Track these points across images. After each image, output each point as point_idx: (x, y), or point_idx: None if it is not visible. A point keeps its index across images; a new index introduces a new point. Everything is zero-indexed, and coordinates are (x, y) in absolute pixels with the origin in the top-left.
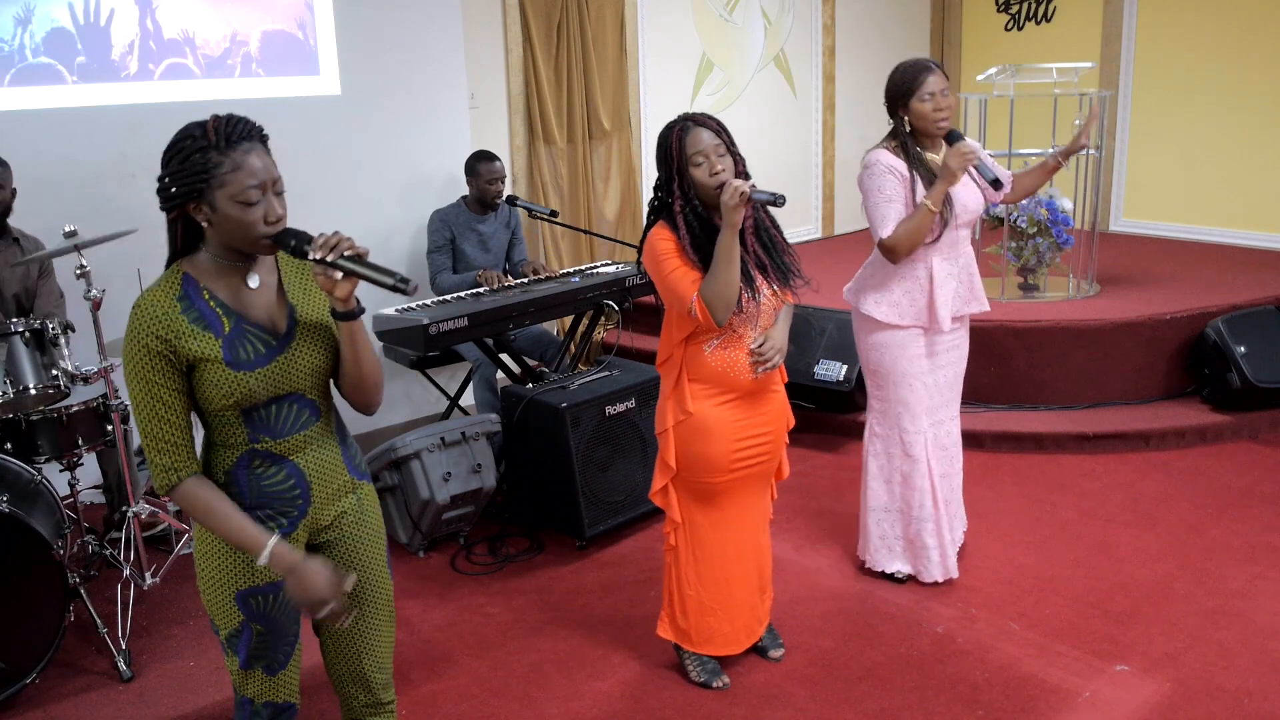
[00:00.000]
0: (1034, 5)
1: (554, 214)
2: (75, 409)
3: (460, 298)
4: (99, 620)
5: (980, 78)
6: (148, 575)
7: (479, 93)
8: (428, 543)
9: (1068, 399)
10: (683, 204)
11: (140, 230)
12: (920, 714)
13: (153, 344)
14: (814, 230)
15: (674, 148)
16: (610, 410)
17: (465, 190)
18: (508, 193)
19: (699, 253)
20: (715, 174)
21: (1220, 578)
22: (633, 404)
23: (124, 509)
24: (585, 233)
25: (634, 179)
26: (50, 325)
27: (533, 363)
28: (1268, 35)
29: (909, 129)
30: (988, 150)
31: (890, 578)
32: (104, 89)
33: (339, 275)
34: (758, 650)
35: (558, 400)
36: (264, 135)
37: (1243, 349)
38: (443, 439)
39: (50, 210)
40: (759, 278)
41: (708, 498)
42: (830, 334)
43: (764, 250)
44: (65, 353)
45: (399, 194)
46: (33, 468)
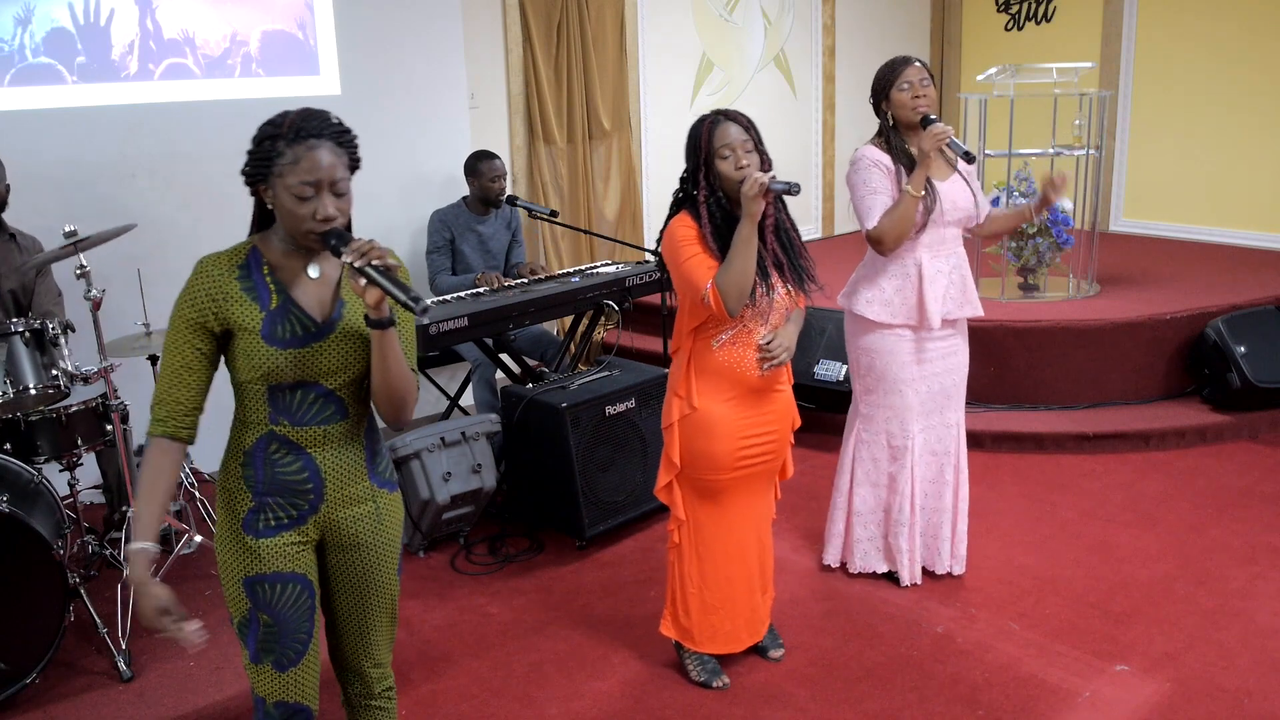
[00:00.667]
0: (1034, 5)
1: (554, 214)
2: (75, 409)
3: (460, 298)
4: (99, 620)
5: (980, 78)
6: None
7: (479, 93)
8: (428, 543)
9: (1068, 399)
10: (707, 194)
11: (140, 229)
12: (920, 714)
13: (201, 300)
14: (814, 230)
15: (703, 140)
16: (610, 410)
17: (465, 190)
18: (508, 192)
19: (719, 241)
20: (740, 168)
21: (1220, 578)
22: (633, 404)
23: (124, 509)
24: (585, 233)
25: (634, 179)
26: (50, 325)
27: (533, 363)
28: (1268, 35)
29: (892, 122)
30: (988, 150)
31: (889, 577)
32: (104, 89)
33: (363, 281)
34: (758, 650)
35: (558, 400)
36: (341, 133)
37: (1243, 349)
38: (443, 439)
39: (50, 210)
40: (774, 274)
41: (711, 495)
42: (830, 334)
43: (782, 250)
44: (65, 353)
45: (399, 194)
46: (32, 468)
